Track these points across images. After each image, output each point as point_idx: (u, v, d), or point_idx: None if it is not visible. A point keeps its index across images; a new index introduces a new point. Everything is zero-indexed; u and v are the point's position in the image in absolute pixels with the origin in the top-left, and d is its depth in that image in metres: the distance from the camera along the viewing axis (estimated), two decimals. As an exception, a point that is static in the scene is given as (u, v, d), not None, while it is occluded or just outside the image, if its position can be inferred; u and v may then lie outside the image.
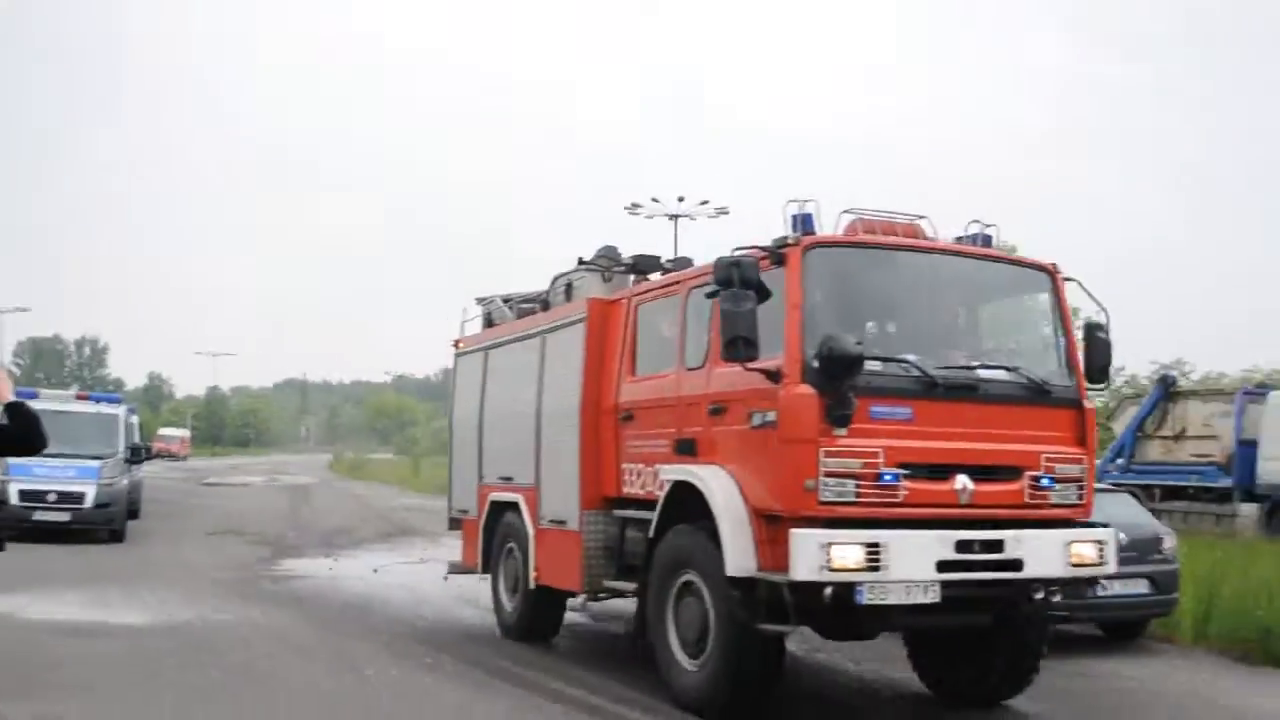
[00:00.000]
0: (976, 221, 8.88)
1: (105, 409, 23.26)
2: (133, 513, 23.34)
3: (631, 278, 10.99)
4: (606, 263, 11.03)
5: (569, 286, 11.28)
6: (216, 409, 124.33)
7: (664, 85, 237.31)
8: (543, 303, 11.84)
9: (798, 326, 7.68)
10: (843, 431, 7.42)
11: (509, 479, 11.79)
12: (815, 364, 7.42)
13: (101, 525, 20.69)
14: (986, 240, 8.92)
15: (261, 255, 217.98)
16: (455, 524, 13.83)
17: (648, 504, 9.19)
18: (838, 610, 7.57)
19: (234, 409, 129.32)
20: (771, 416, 7.72)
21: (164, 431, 79.95)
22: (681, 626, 8.53)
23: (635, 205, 49.47)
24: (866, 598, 7.40)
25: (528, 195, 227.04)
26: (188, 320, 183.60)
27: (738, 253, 7.97)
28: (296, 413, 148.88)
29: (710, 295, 8.12)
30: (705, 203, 48.94)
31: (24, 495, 19.63)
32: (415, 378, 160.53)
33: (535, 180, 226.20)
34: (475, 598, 14.90)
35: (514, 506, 11.59)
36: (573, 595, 10.98)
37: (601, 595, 10.42)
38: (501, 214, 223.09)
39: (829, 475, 7.36)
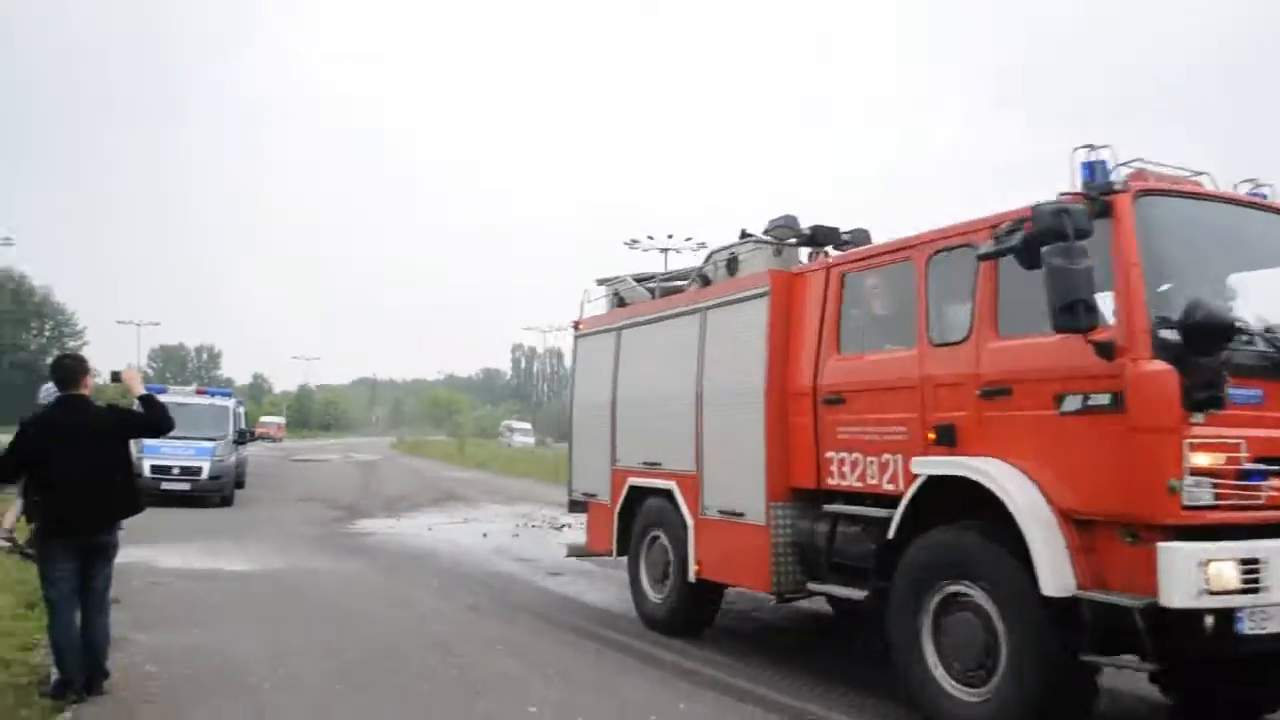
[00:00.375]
0: (1249, 180, 6.31)
1: (218, 401, 23.32)
2: (239, 483, 23.38)
3: (803, 251, 8.31)
4: (785, 232, 8.25)
5: (732, 260, 8.46)
6: (305, 401, 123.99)
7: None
8: (700, 278, 8.90)
9: (1139, 289, 5.23)
10: (1200, 418, 5.06)
11: (655, 464, 9.10)
12: (1172, 334, 5.08)
13: (214, 493, 20.71)
14: (1264, 199, 6.32)
15: (342, 278, 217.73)
16: (577, 506, 10.95)
17: (861, 497, 6.90)
18: (1215, 643, 5.03)
19: (319, 401, 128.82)
20: (1100, 400, 5.26)
21: (265, 419, 79.61)
22: (949, 648, 5.89)
23: (634, 241, 49.96)
24: (1247, 626, 5.00)
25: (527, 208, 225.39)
26: (286, 331, 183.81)
27: (1061, 197, 5.48)
28: (368, 404, 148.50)
29: (985, 257, 5.77)
30: (689, 239, 49.50)
31: (154, 469, 19.67)
32: (461, 376, 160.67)
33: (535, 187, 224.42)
34: (507, 550, 15.03)
35: (662, 494, 8.95)
36: (724, 588, 8.77)
37: (791, 596, 7.89)
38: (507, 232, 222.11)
39: (1192, 473, 5.00)
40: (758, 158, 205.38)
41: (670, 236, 49.70)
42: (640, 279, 10.39)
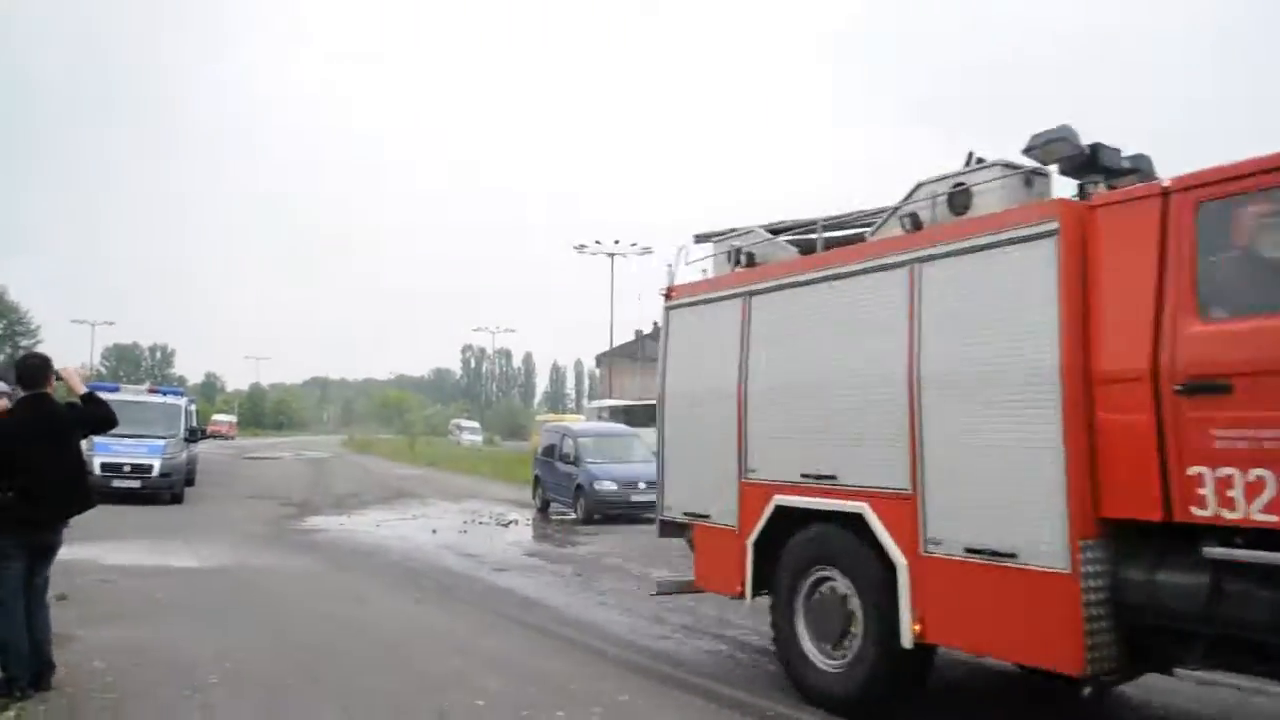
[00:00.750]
0: None
1: (170, 400, 22.99)
2: (189, 480, 22.94)
3: (1058, 182, 5.82)
4: (1060, 148, 5.62)
5: (959, 193, 5.95)
6: (258, 400, 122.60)
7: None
8: (908, 220, 6.18)
9: None
10: None
11: (825, 478, 6.41)
12: None
13: (164, 490, 20.24)
14: None
15: (300, 284, 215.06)
16: (671, 530, 8.07)
17: (1228, 534, 4.59)
18: None
19: (271, 400, 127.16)
20: None
21: (217, 417, 78.72)
22: None
23: (581, 246, 50.58)
24: None
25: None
26: (239, 331, 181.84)
27: None
28: (319, 403, 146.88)
29: None
30: (634, 244, 50.48)
31: (104, 467, 19.16)
32: (412, 376, 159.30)
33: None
34: (455, 546, 14.87)
35: (839, 519, 6.30)
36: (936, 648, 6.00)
37: (1111, 680, 5.31)
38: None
39: None
40: (756, 159, 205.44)
41: (617, 242, 50.32)
42: (775, 229, 7.76)
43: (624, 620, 9.36)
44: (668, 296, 8.26)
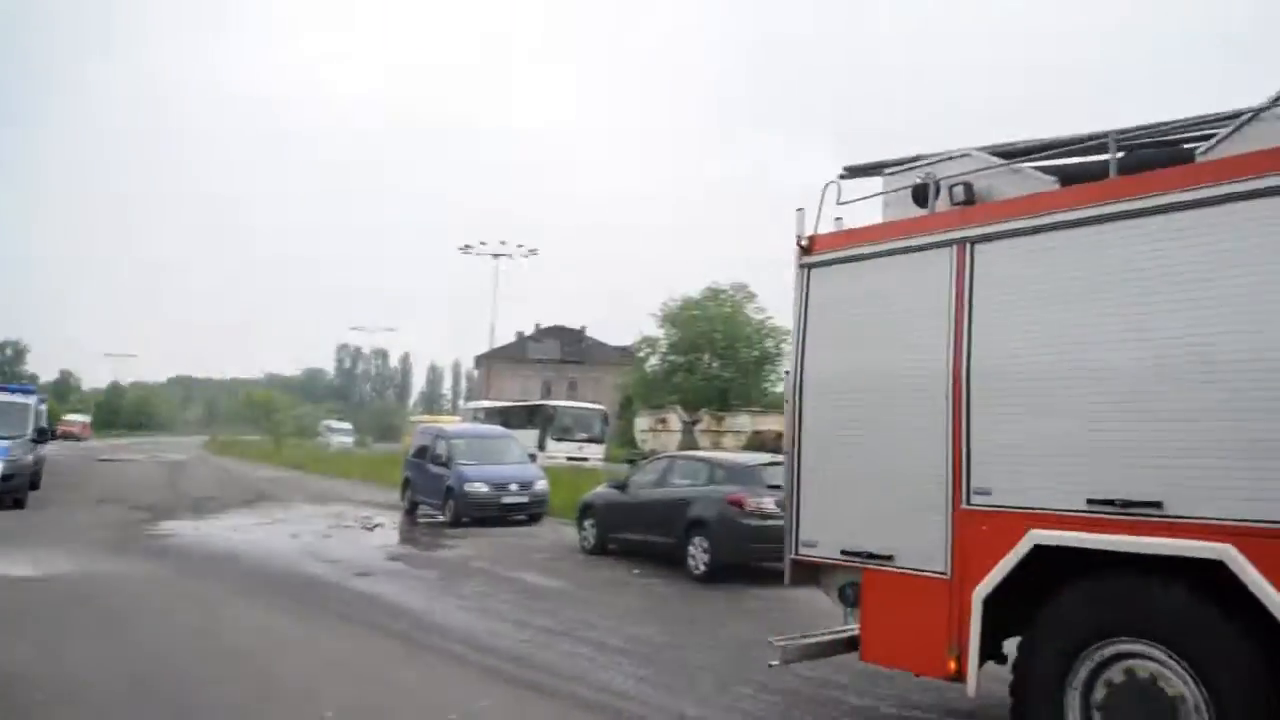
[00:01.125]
0: None
1: (18, 398, 21.40)
2: (34, 484, 21.50)
3: None
4: None
5: None
6: (116, 399, 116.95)
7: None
8: None
9: None
10: None
11: (1141, 505, 4.38)
12: None
13: (6, 495, 18.88)
14: None
15: (164, 281, 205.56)
16: (807, 575, 6.11)
17: None
18: None
19: (130, 399, 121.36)
20: None
21: (68, 417, 74.81)
22: None
23: (467, 246, 50.78)
24: None
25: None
26: (98, 328, 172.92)
27: None
28: (183, 403, 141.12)
29: None
30: (521, 245, 50.93)
31: (-61, 470, 17.85)
32: (284, 375, 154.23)
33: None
34: (317, 551, 14.36)
35: (1174, 568, 4.25)
36: None
37: None
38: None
39: None
40: (749, 163, 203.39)
41: (503, 242, 50.63)
42: (1004, 151, 5.72)
43: (486, 624, 9.15)
44: (807, 250, 6.09)
